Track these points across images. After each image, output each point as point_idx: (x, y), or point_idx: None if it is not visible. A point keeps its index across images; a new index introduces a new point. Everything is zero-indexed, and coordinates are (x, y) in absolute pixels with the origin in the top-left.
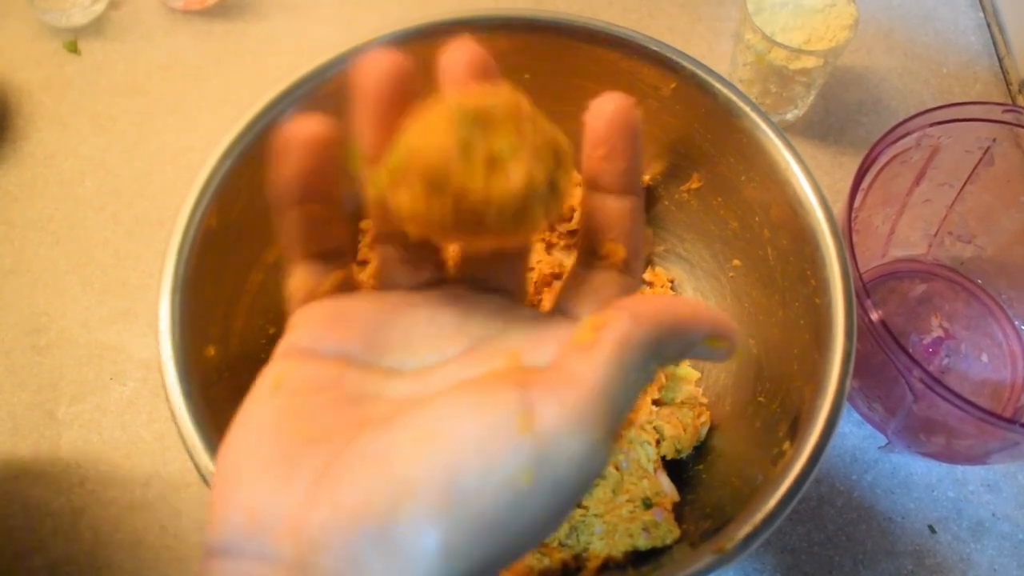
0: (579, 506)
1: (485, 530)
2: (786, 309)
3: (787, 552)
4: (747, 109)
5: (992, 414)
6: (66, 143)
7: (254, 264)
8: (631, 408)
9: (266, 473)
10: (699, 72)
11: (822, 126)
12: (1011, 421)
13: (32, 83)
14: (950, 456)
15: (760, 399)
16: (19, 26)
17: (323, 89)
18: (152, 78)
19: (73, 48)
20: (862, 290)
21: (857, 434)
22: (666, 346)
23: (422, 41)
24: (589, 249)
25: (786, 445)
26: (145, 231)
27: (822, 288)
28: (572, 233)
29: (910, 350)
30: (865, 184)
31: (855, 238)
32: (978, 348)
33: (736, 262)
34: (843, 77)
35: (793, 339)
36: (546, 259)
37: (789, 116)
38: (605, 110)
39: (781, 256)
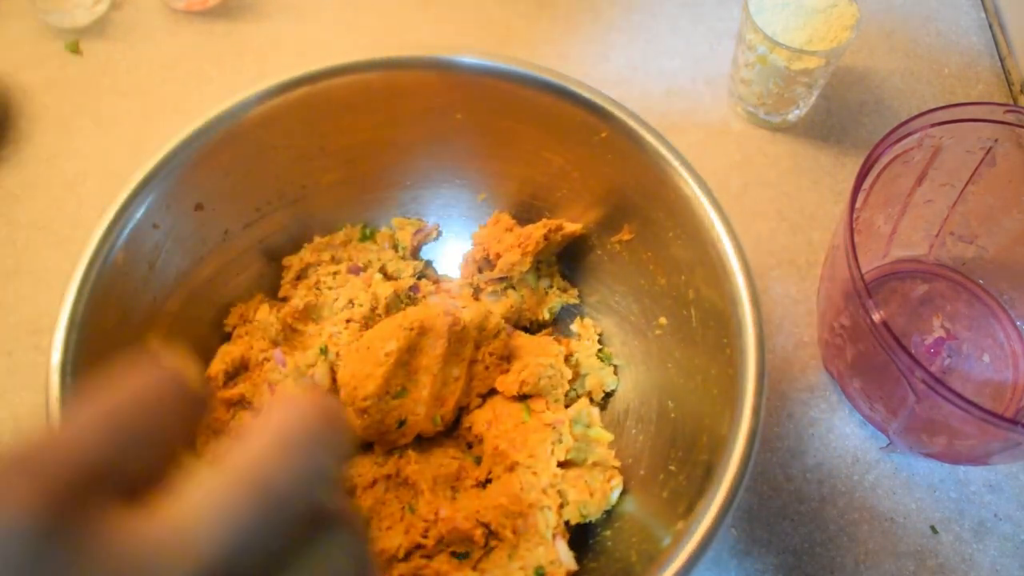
0: (474, 569)
1: None
2: (703, 375)
3: (789, 553)
4: (676, 164)
5: (994, 414)
6: (68, 144)
7: (171, 295)
8: None
9: None
10: (630, 122)
11: (824, 126)
12: (1013, 421)
13: (34, 84)
14: (952, 457)
15: (671, 467)
16: (21, 27)
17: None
18: (154, 79)
19: (75, 49)
20: (864, 290)
21: (859, 435)
22: None
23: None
24: None
25: (680, 524)
26: None
27: (736, 358)
28: (500, 280)
29: (912, 351)
30: (867, 184)
31: (857, 238)
32: (980, 348)
33: (663, 320)
34: (845, 77)
35: (705, 409)
36: (472, 306)
37: (791, 116)
38: None
39: (703, 319)
